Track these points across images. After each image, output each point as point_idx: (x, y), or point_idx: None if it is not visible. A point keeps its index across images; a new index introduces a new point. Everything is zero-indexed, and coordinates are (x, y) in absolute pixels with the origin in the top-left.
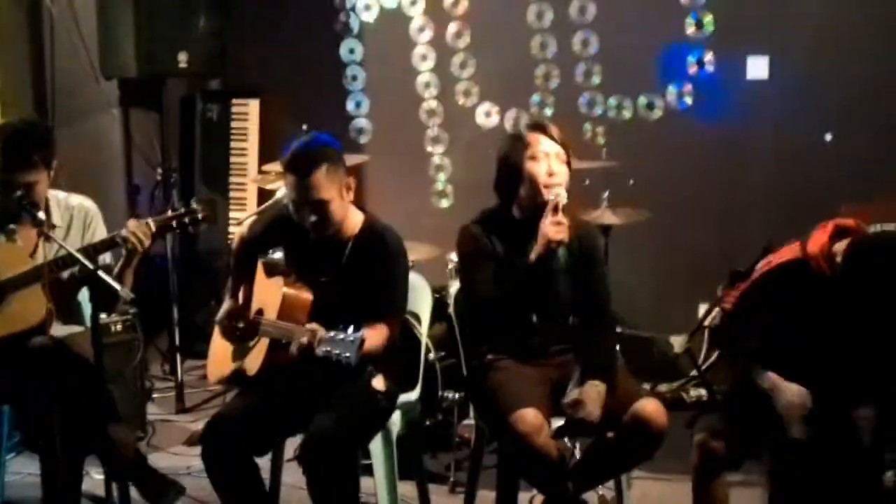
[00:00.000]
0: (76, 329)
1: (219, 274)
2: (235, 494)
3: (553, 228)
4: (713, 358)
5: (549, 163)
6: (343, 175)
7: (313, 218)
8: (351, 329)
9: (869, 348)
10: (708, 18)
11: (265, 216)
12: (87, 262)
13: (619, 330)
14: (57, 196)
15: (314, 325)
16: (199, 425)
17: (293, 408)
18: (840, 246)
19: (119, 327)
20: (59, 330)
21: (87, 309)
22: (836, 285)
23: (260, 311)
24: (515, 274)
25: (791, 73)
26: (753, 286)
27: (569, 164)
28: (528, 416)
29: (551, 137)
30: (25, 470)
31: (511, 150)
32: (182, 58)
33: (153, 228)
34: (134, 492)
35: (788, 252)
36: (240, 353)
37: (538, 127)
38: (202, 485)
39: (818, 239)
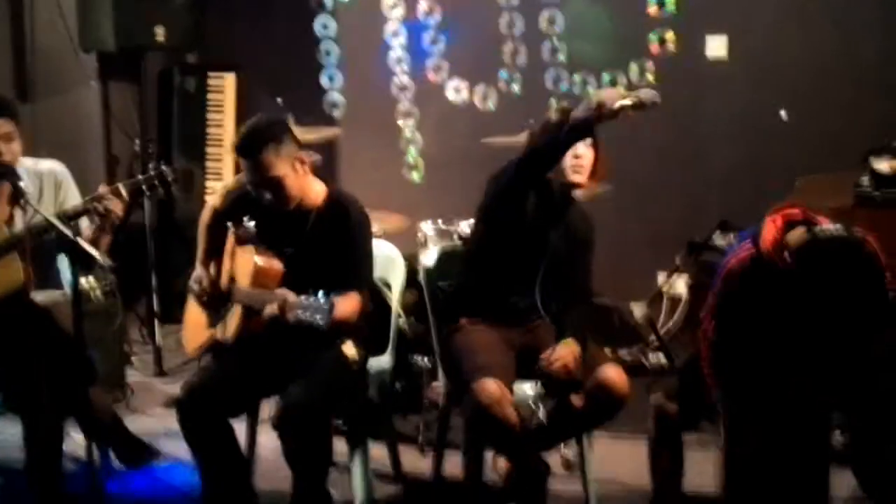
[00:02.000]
0: (56, 294)
1: (195, 241)
2: (212, 456)
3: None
4: (671, 325)
5: (574, 147)
6: (293, 150)
7: (269, 195)
8: (321, 293)
9: (829, 335)
10: None
11: (234, 187)
12: (65, 230)
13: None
14: (26, 163)
15: (284, 290)
16: (177, 389)
17: (267, 371)
18: (792, 236)
19: (98, 293)
20: (38, 295)
21: (65, 274)
22: (793, 277)
23: (232, 280)
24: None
25: (749, 52)
26: (721, 298)
27: (596, 146)
28: (490, 386)
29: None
30: (8, 431)
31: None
32: (159, 31)
33: (124, 192)
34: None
35: (742, 250)
36: (214, 321)
37: (565, 112)
38: (180, 446)
39: (769, 233)
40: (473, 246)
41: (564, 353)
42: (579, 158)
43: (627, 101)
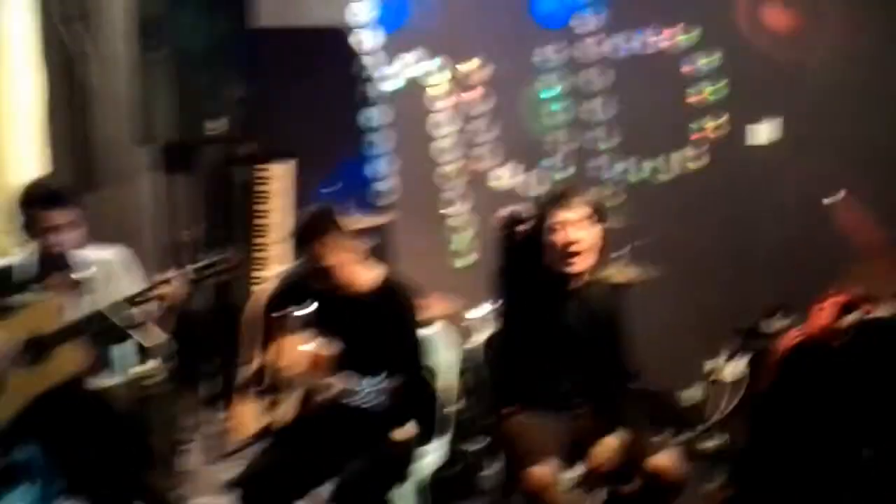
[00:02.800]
0: (111, 381)
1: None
2: None
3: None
4: (722, 411)
5: (565, 233)
6: (343, 240)
7: (322, 282)
8: (376, 378)
9: (877, 418)
10: (712, 86)
11: (286, 276)
12: (120, 319)
13: (634, 384)
14: (89, 251)
15: (337, 379)
16: (232, 475)
17: (322, 458)
18: (843, 321)
19: (154, 379)
20: (96, 381)
21: (121, 360)
22: (843, 360)
23: (286, 368)
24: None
25: (796, 137)
26: (770, 383)
27: (601, 221)
28: (540, 474)
29: (566, 207)
30: None
31: (534, 224)
32: (213, 124)
33: (184, 278)
34: None
35: (792, 335)
36: (268, 409)
37: (554, 199)
38: None
39: (820, 319)
40: (498, 337)
41: (605, 450)
42: (573, 244)
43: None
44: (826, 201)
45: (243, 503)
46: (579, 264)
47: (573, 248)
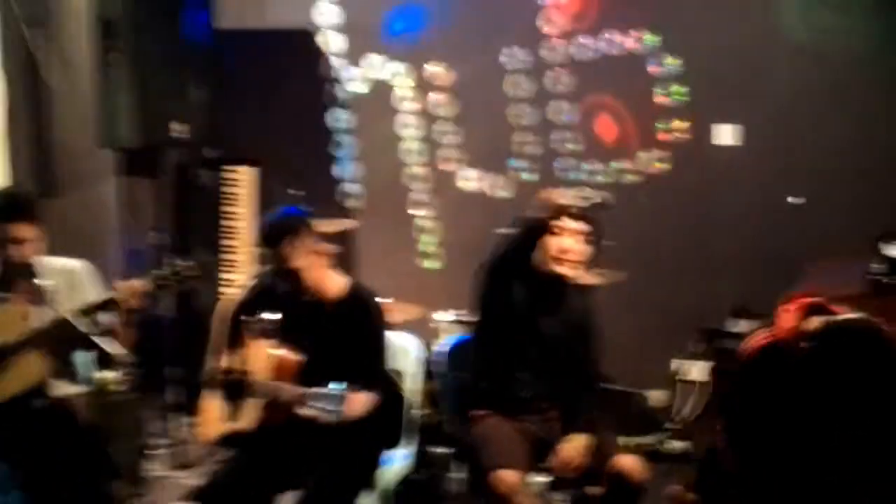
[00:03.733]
0: (75, 389)
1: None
2: None
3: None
4: (687, 411)
5: (565, 238)
6: (311, 242)
7: (287, 286)
8: (334, 384)
9: (846, 423)
10: (678, 88)
11: (253, 282)
12: (81, 326)
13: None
14: (51, 261)
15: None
16: (196, 481)
17: (284, 466)
18: (810, 323)
19: (118, 386)
20: (58, 390)
21: (83, 368)
22: (810, 363)
23: (249, 373)
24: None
25: (759, 139)
26: (735, 386)
27: (596, 243)
28: (508, 477)
29: (573, 217)
30: None
31: (535, 222)
32: (176, 127)
33: (145, 287)
34: None
35: (759, 336)
36: (231, 413)
37: (563, 207)
38: None
39: (786, 320)
40: (474, 338)
41: (571, 450)
42: (566, 253)
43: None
44: (790, 200)
45: None
46: (569, 271)
47: (569, 256)
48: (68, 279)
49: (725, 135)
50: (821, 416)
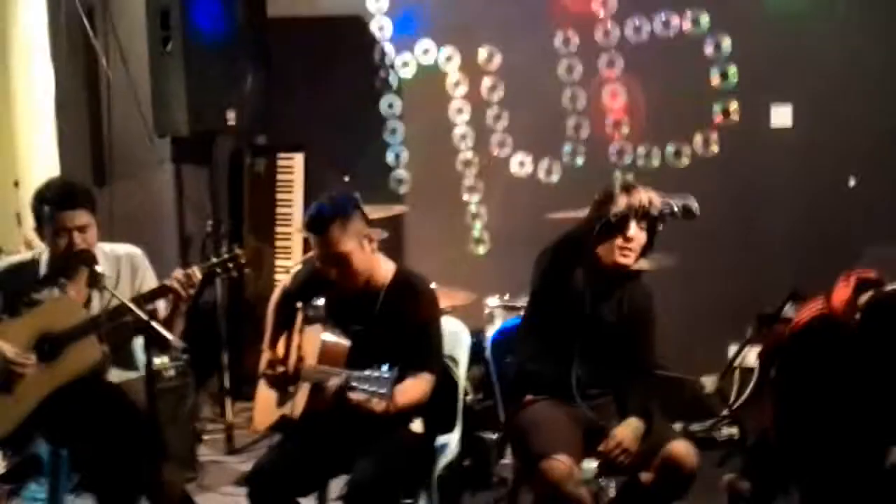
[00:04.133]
0: (131, 375)
1: (265, 320)
2: None
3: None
4: (743, 398)
5: (630, 228)
6: (361, 228)
7: (335, 272)
8: (385, 367)
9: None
10: (732, 69)
11: (305, 267)
12: (140, 313)
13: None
14: (103, 248)
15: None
16: (248, 466)
17: (336, 450)
18: (864, 299)
19: (171, 372)
20: (114, 376)
21: (140, 355)
22: (861, 337)
23: (301, 359)
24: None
25: (814, 120)
26: (788, 355)
27: (653, 230)
28: (559, 464)
29: (640, 206)
30: None
31: (602, 204)
32: (230, 115)
33: (199, 275)
34: None
35: (813, 307)
36: (283, 399)
37: (626, 189)
38: None
39: (841, 293)
40: (527, 323)
41: (623, 436)
42: (629, 241)
43: (670, 209)
44: (852, 182)
45: (257, 496)
46: (632, 260)
47: (630, 245)
48: (125, 266)
49: (779, 116)
50: (870, 389)
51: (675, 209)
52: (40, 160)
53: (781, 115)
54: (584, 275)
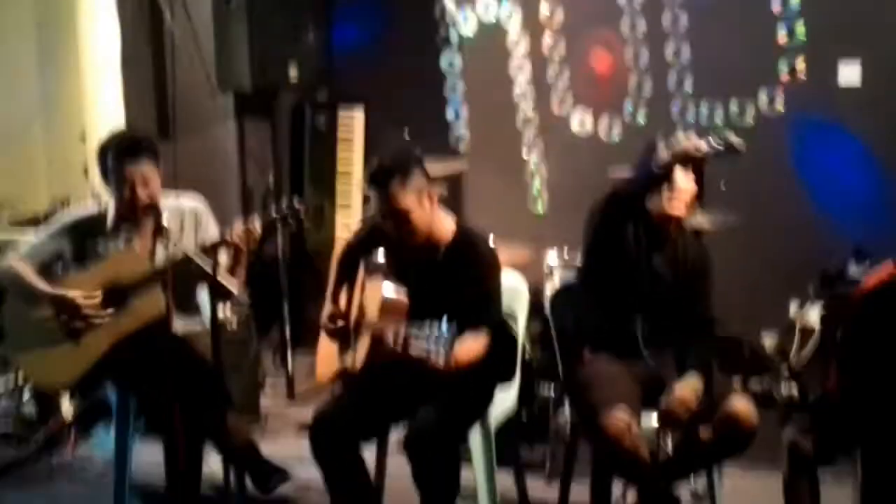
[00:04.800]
0: (196, 325)
1: (326, 273)
2: (342, 481)
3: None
4: (803, 356)
5: (681, 178)
6: (422, 184)
7: (395, 227)
8: (444, 323)
9: None
10: (800, 27)
11: (366, 223)
12: (203, 265)
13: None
14: (167, 200)
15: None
16: (309, 415)
17: (396, 399)
18: None
19: (234, 323)
20: (179, 326)
21: (204, 305)
22: None
23: (362, 313)
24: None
25: (883, 78)
26: (857, 318)
27: (700, 178)
28: (619, 416)
29: (686, 154)
30: (150, 456)
31: (646, 157)
32: (292, 70)
33: (258, 228)
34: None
35: (883, 272)
36: (344, 352)
37: (675, 147)
38: (312, 472)
39: None
40: (582, 279)
41: (684, 393)
42: (678, 192)
43: (713, 147)
44: None
45: (318, 443)
46: (683, 210)
47: (680, 195)
48: (189, 218)
49: (847, 74)
50: None
51: (718, 145)
52: (106, 114)
53: (850, 73)
54: (636, 230)
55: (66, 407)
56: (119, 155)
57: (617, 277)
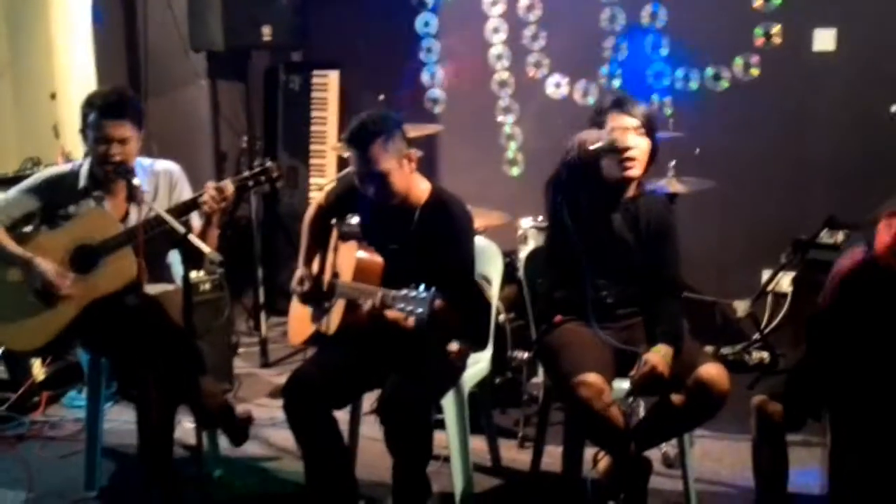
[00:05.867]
0: (168, 287)
1: (299, 236)
2: (315, 445)
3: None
4: (775, 323)
5: (625, 138)
6: (402, 146)
7: (374, 189)
8: (422, 287)
9: None
10: None
11: (339, 184)
12: (176, 225)
13: (683, 294)
14: (142, 163)
15: (384, 290)
16: (282, 379)
17: (370, 364)
18: None
19: (207, 286)
20: (151, 289)
21: (177, 268)
22: None
23: (336, 275)
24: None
25: (857, 45)
26: (832, 302)
27: (651, 134)
28: (591, 380)
29: (629, 113)
30: (122, 418)
31: (591, 125)
32: (266, 31)
33: (231, 188)
34: (222, 440)
35: (856, 255)
36: (318, 314)
37: (617, 104)
38: (285, 435)
39: (883, 237)
40: (547, 247)
41: (655, 361)
42: (629, 151)
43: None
44: (893, 109)
45: (292, 407)
46: (635, 170)
47: (631, 154)
48: (163, 181)
49: (822, 40)
50: None
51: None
52: (77, 73)
53: (825, 39)
54: (592, 196)
55: (38, 370)
56: (102, 111)
57: (579, 247)
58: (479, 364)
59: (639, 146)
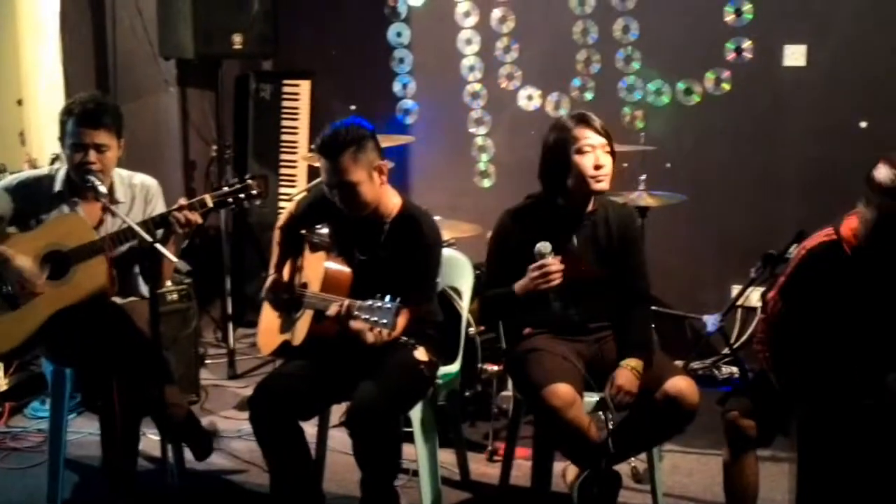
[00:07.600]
0: (135, 297)
1: (269, 247)
2: (282, 457)
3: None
4: (745, 338)
5: (595, 155)
6: (373, 158)
7: (343, 199)
8: (388, 298)
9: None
10: (747, 6)
11: (311, 194)
12: (146, 237)
13: (653, 308)
14: (121, 174)
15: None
16: (250, 391)
17: (338, 376)
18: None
19: (175, 296)
20: (118, 300)
21: (143, 278)
22: (865, 256)
23: (304, 285)
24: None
25: (827, 61)
26: (791, 278)
27: (612, 153)
28: (561, 391)
29: (596, 130)
30: (86, 429)
31: (557, 143)
32: (237, 39)
33: (210, 204)
34: (187, 452)
35: (820, 236)
36: (286, 325)
37: (584, 120)
38: (252, 447)
39: (850, 223)
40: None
41: (624, 380)
42: (600, 168)
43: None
44: (862, 125)
45: (259, 419)
46: (604, 184)
47: (602, 171)
48: (140, 194)
49: (793, 56)
50: (874, 313)
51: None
52: (44, 79)
53: (795, 55)
54: (565, 210)
55: (0, 380)
56: (79, 118)
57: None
58: (448, 376)
59: (607, 164)
